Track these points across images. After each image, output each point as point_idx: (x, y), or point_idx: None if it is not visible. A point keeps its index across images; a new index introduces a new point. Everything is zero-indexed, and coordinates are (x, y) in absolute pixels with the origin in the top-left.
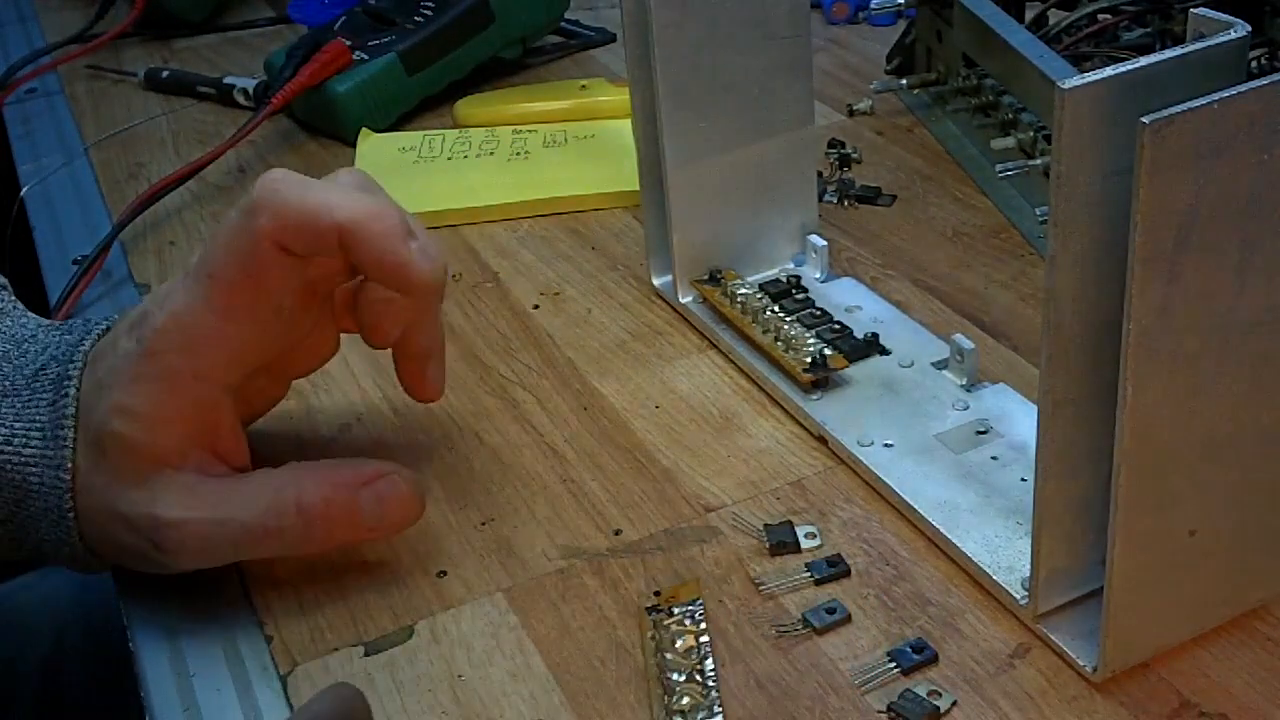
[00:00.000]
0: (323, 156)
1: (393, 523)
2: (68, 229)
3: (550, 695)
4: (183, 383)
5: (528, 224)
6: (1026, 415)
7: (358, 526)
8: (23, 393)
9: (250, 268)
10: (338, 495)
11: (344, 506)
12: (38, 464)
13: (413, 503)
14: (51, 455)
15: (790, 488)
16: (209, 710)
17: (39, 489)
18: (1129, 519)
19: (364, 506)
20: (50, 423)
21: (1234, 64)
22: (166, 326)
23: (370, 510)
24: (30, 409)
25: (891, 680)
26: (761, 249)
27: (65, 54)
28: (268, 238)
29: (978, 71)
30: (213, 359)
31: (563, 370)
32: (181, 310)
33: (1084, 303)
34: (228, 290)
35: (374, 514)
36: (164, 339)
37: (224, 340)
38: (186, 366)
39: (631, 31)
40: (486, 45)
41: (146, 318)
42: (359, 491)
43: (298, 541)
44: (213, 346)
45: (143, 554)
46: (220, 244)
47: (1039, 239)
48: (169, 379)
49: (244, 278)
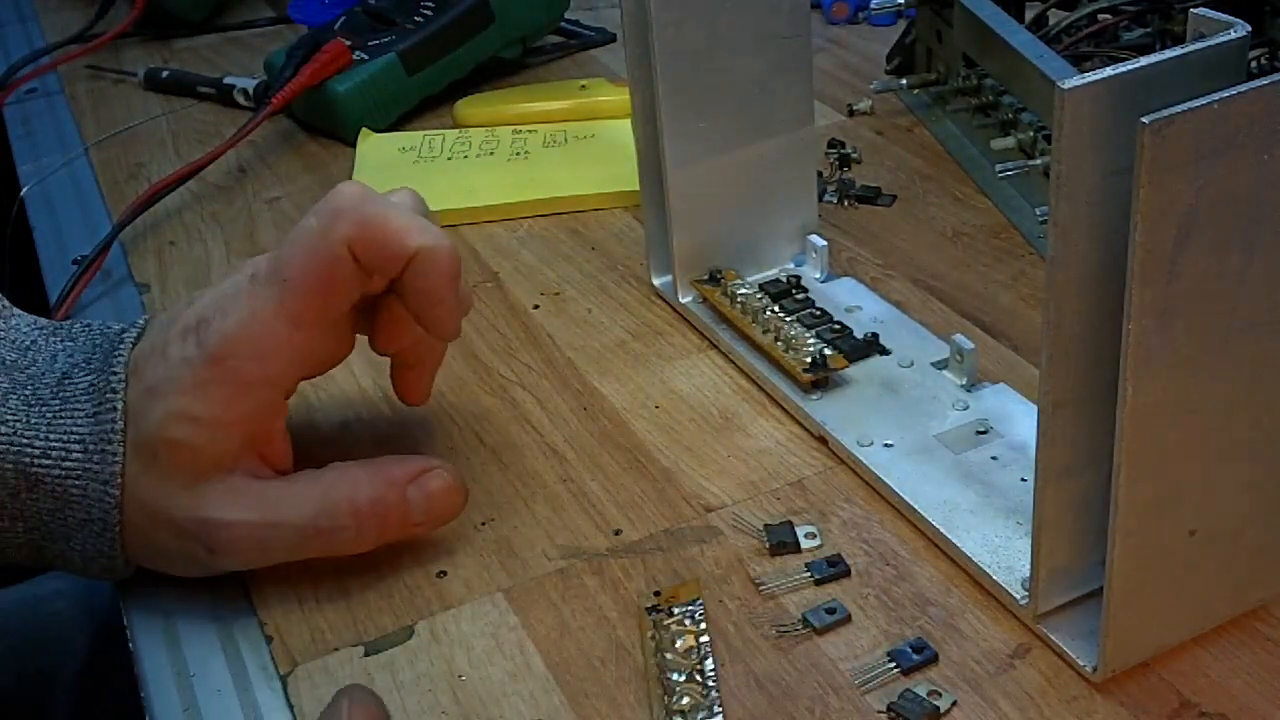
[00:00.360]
0: (323, 156)
1: (440, 515)
2: (68, 229)
3: (550, 695)
4: (251, 389)
5: (528, 224)
6: (1026, 415)
7: (407, 522)
8: (50, 403)
9: (327, 275)
10: (388, 493)
11: (395, 504)
12: (80, 476)
13: (458, 494)
14: (97, 470)
15: (790, 488)
16: (209, 710)
17: (81, 500)
18: (1129, 519)
19: (413, 502)
20: (93, 435)
21: (1234, 64)
22: (236, 334)
23: (419, 505)
24: (64, 419)
25: (891, 680)
26: (761, 249)
27: (65, 54)
28: (347, 245)
29: (978, 71)
30: (282, 366)
31: (563, 370)
32: (250, 317)
33: (1084, 303)
34: (304, 296)
35: (422, 509)
36: (233, 345)
37: (293, 347)
38: (256, 373)
39: (631, 31)
40: (486, 45)
41: (206, 324)
42: (407, 488)
43: (350, 541)
44: (283, 353)
45: (192, 557)
46: (299, 249)
47: (1039, 239)
48: (237, 384)
49: (320, 285)
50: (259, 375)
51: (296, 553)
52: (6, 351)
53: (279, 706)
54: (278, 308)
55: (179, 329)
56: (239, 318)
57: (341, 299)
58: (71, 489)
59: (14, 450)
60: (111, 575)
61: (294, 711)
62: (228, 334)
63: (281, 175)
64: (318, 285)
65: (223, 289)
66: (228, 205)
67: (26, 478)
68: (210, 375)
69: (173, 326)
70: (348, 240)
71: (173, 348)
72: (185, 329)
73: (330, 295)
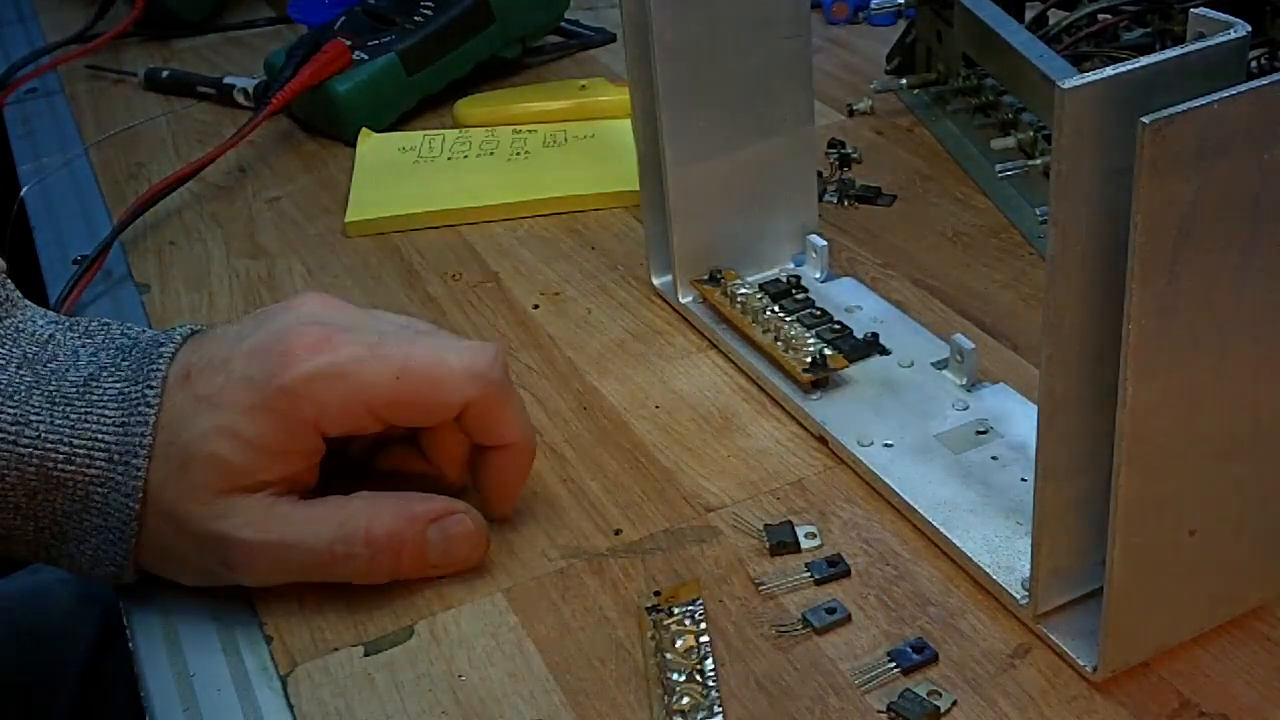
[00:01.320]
0: (323, 156)
1: (458, 560)
2: (68, 229)
3: (550, 695)
4: (306, 432)
5: (528, 224)
6: (1026, 415)
7: (423, 562)
8: (76, 404)
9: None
10: (407, 529)
11: (412, 541)
12: (103, 484)
13: (480, 541)
14: (121, 481)
15: (790, 488)
16: (209, 710)
17: (101, 507)
18: (1129, 519)
19: (431, 543)
20: (120, 445)
21: (1234, 64)
22: (319, 380)
23: (437, 547)
24: (90, 423)
25: (891, 680)
26: (761, 249)
27: (65, 54)
28: (463, 391)
29: (978, 71)
30: (344, 422)
31: (563, 370)
32: (344, 366)
33: (1084, 303)
34: (411, 387)
35: (440, 550)
36: (309, 386)
37: (361, 411)
38: (317, 419)
39: (631, 31)
40: (486, 45)
41: (288, 360)
42: (428, 527)
43: (363, 571)
44: (349, 412)
45: (207, 569)
46: (422, 366)
47: (1039, 239)
48: (296, 423)
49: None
50: (318, 422)
51: (310, 575)
52: (27, 345)
53: (279, 706)
54: (383, 368)
55: (249, 347)
56: (332, 365)
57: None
58: (93, 494)
59: (38, 453)
60: (116, 580)
61: (294, 711)
62: (310, 374)
63: (281, 175)
64: (424, 398)
65: (309, 313)
66: (228, 205)
67: (48, 480)
68: (272, 404)
69: (242, 342)
70: (467, 391)
71: (238, 364)
72: (256, 349)
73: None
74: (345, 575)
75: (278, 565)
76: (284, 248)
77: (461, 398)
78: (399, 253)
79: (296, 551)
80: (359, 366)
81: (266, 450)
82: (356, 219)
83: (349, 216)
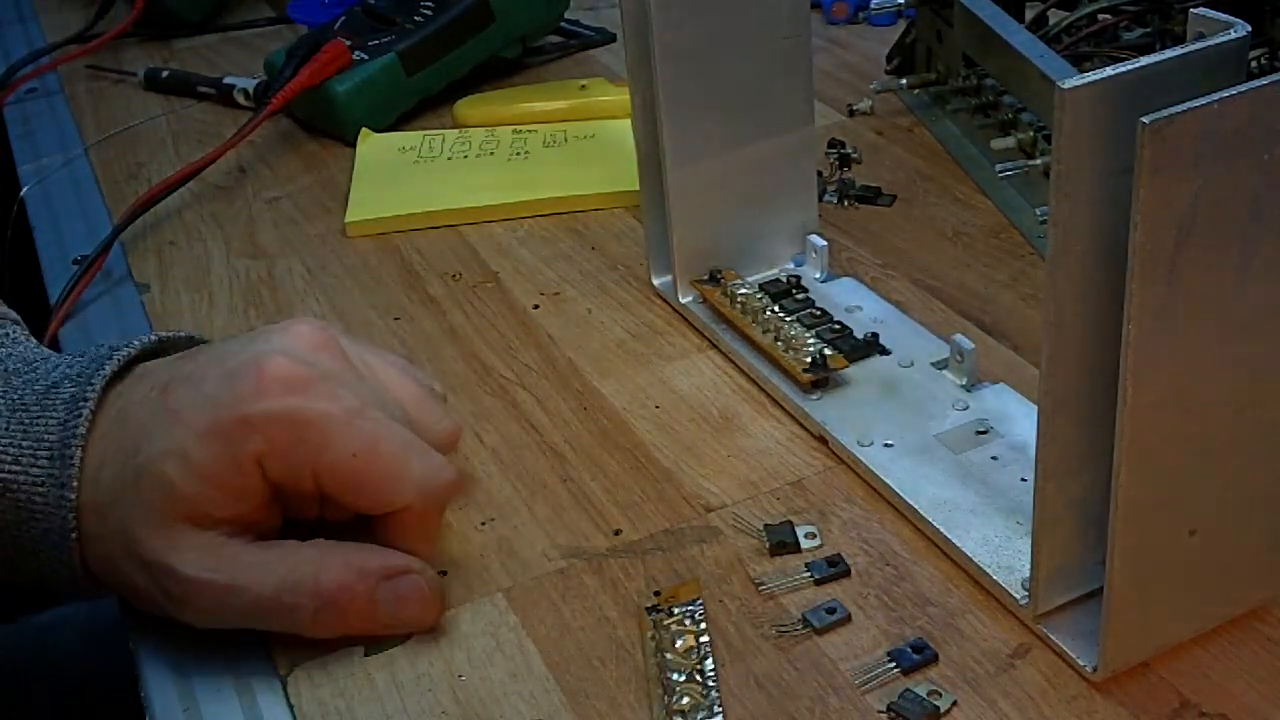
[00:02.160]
0: (323, 156)
1: (408, 621)
2: (68, 229)
3: (550, 695)
4: (250, 467)
5: (528, 224)
6: (1026, 415)
7: (372, 620)
8: (32, 408)
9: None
10: (357, 584)
11: (360, 596)
12: (44, 484)
13: (433, 604)
14: (57, 474)
15: (790, 488)
16: (209, 710)
17: (44, 510)
18: (1129, 519)
19: (382, 601)
20: (59, 441)
21: (1234, 64)
22: (281, 421)
23: (387, 605)
24: (38, 426)
25: (891, 680)
26: (761, 249)
27: (65, 54)
28: (407, 499)
29: (978, 71)
30: (285, 472)
31: (563, 370)
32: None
33: (1084, 303)
34: (362, 472)
35: (390, 610)
36: (267, 423)
37: (305, 470)
38: (261, 458)
39: (631, 31)
40: (486, 45)
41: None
42: (379, 584)
43: (308, 622)
44: (293, 465)
45: (149, 598)
46: (384, 456)
47: (1039, 239)
48: (242, 456)
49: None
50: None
51: (254, 622)
52: (14, 363)
53: (279, 706)
54: (343, 453)
55: (228, 368)
56: (299, 410)
57: None
58: (35, 498)
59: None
60: (86, 594)
61: (294, 711)
62: (273, 415)
63: (281, 175)
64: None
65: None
66: (228, 205)
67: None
68: (227, 431)
69: (222, 362)
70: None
71: (210, 383)
72: (231, 371)
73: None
74: (289, 626)
75: (219, 607)
76: (284, 248)
77: (403, 504)
78: (399, 253)
79: (240, 596)
80: (325, 425)
81: (209, 480)
82: (356, 219)
83: (349, 216)
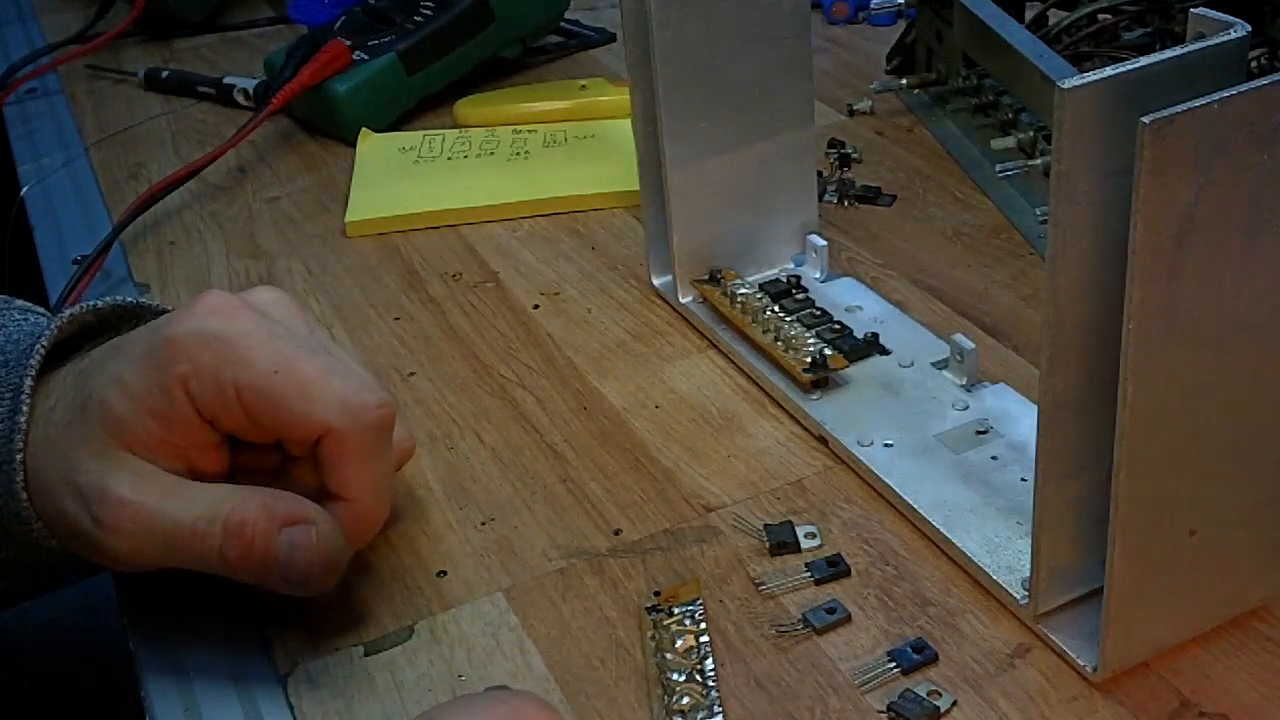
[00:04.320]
0: (323, 156)
1: (297, 570)
2: (68, 229)
3: (550, 695)
4: (177, 391)
5: (528, 224)
6: (1026, 415)
7: (270, 562)
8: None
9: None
10: (260, 522)
11: (261, 536)
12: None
13: (319, 560)
14: (5, 378)
15: (790, 488)
16: (209, 710)
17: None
18: (1129, 519)
19: (279, 545)
20: (17, 356)
21: (1234, 64)
22: (203, 339)
23: (283, 551)
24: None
25: (891, 680)
26: (761, 249)
27: (65, 54)
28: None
29: (978, 71)
30: (209, 391)
31: (563, 370)
32: (233, 336)
33: (1084, 303)
34: (282, 386)
35: (285, 556)
36: (190, 341)
37: (229, 388)
38: (186, 379)
39: (631, 31)
40: (486, 45)
41: (187, 315)
42: (281, 529)
43: (214, 556)
44: (217, 383)
45: (81, 529)
46: (303, 372)
47: (1039, 239)
48: (168, 378)
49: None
50: (190, 385)
51: (173, 555)
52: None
53: (279, 706)
54: (263, 369)
55: (175, 310)
56: (222, 329)
57: None
58: None
59: None
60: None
61: (294, 711)
62: (195, 333)
63: (281, 175)
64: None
65: (225, 299)
66: (228, 205)
67: None
68: (156, 353)
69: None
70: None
71: (160, 319)
72: (176, 309)
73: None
74: (200, 557)
75: (141, 529)
76: (284, 248)
77: (324, 421)
78: (399, 253)
79: (161, 519)
80: (246, 342)
81: (142, 405)
82: (356, 219)
83: (349, 216)
